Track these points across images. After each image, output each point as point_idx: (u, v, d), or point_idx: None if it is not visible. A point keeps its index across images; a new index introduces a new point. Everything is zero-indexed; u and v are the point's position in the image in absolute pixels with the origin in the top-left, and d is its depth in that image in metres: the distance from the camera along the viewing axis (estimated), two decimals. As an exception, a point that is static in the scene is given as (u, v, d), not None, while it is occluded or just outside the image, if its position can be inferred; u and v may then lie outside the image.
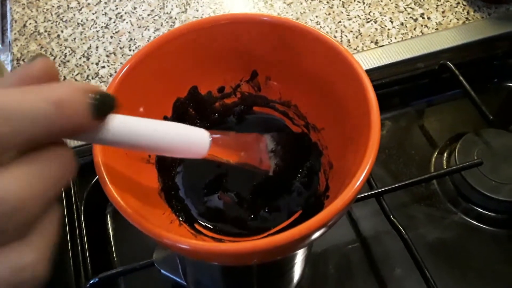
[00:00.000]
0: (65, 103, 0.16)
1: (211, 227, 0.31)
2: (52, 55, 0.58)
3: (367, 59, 0.57)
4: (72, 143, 0.50)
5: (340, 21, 0.61)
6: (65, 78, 0.56)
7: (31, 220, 0.16)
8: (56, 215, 0.18)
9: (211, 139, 0.24)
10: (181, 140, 0.23)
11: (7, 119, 0.15)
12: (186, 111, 0.34)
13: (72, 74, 0.56)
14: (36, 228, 0.16)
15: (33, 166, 0.16)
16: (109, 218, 0.48)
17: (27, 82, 0.17)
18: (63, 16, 0.62)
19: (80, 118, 0.17)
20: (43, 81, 0.18)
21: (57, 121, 0.16)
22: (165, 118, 0.33)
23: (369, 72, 0.55)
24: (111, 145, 0.21)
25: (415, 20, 0.61)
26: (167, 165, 0.32)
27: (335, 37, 0.60)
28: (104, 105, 0.18)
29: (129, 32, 0.60)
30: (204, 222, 0.31)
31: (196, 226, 0.31)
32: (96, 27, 0.61)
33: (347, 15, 0.62)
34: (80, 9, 0.63)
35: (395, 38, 0.59)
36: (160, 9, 0.63)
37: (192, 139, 0.23)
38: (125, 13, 0.63)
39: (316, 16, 0.62)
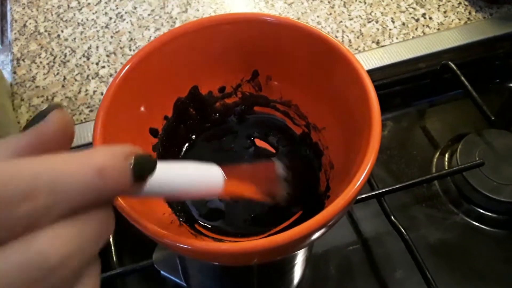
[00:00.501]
0: (108, 172, 0.16)
1: (211, 227, 0.31)
2: (52, 55, 0.58)
3: (369, 59, 0.56)
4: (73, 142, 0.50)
5: (341, 21, 0.61)
6: (65, 78, 0.56)
7: (73, 276, 0.16)
8: (97, 270, 0.18)
9: (224, 177, 0.23)
10: (199, 185, 0.22)
11: (51, 190, 0.15)
12: (186, 110, 0.33)
13: (72, 74, 0.56)
14: (78, 284, 0.17)
15: (75, 226, 0.16)
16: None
17: (45, 143, 0.17)
18: (63, 16, 0.62)
19: (123, 185, 0.17)
20: (62, 141, 0.18)
21: (100, 190, 0.16)
22: (166, 118, 0.32)
23: (370, 72, 0.55)
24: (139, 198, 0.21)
25: (417, 20, 0.61)
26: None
27: (336, 37, 0.59)
28: (144, 169, 0.18)
29: (129, 32, 0.60)
30: (204, 223, 0.31)
31: (196, 226, 0.31)
32: (96, 27, 0.61)
33: (349, 15, 0.62)
34: (81, 9, 0.63)
35: (397, 38, 0.59)
36: (161, 9, 0.63)
37: (208, 182, 0.23)
38: (126, 13, 0.63)
39: (317, 16, 0.62)
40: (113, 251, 0.45)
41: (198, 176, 0.22)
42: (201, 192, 0.23)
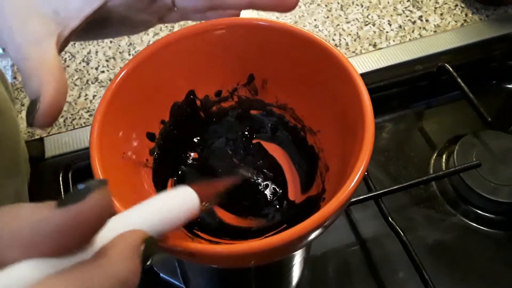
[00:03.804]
0: (131, 278, 0.16)
1: (208, 230, 0.31)
2: (52, 60, 0.58)
3: (366, 62, 0.57)
4: (72, 147, 0.50)
5: (338, 24, 0.61)
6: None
7: None
8: None
9: (198, 197, 0.23)
10: (179, 214, 0.22)
11: None
12: (183, 115, 0.34)
13: (72, 79, 0.56)
14: None
15: None
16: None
17: (78, 226, 0.15)
18: (63, 22, 0.63)
19: (138, 280, 0.17)
20: (97, 226, 0.16)
21: None
22: (163, 122, 0.33)
23: (367, 74, 0.55)
24: None
25: (413, 22, 0.61)
26: (164, 169, 0.33)
27: (333, 40, 0.60)
28: (150, 254, 0.18)
29: (128, 37, 0.61)
30: (200, 225, 0.31)
31: (193, 229, 0.31)
32: (95, 32, 0.61)
33: (346, 18, 0.62)
34: (80, 15, 0.64)
35: (394, 40, 0.59)
36: (159, 14, 0.63)
37: (186, 207, 0.22)
38: (125, 18, 0.63)
39: (315, 20, 0.62)
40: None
41: (177, 205, 0.22)
42: (185, 218, 0.22)
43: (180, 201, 0.22)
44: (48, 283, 0.14)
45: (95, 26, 0.30)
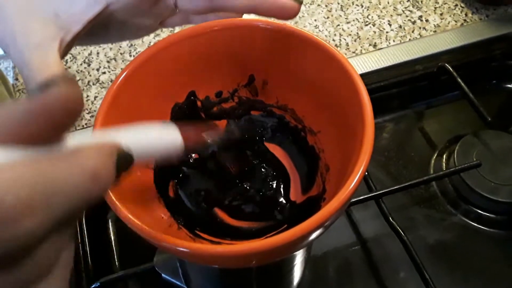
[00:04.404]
0: (101, 175, 0.16)
1: (210, 230, 0.31)
2: (53, 62, 0.58)
3: (366, 62, 0.57)
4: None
5: (338, 25, 0.62)
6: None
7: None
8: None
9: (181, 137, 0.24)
10: (163, 146, 0.23)
11: (47, 203, 0.14)
12: (184, 116, 0.34)
13: (73, 80, 0.57)
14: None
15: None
16: (110, 223, 0.48)
17: (49, 114, 0.15)
18: (64, 23, 0.63)
19: (109, 184, 0.16)
20: (68, 115, 0.16)
21: (91, 193, 0.15)
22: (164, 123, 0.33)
23: (367, 75, 0.56)
24: None
25: (413, 22, 0.61)
26: (165, 170, 0.33)
27: (333, 40, 0.60)
28: (125, 164, 0.18)
29: (129, 38, 0.61)
30: (202, 226, 0.32)
31: (195, 230, 0.31)
32: (96, 34, 0.61)
33: (346, 18, 0.62)
34: (81, 16, 0.64)
35: (394, 40, 0.59)
36: (160, 15, 0.64)
37: (170, 140, 0.23)
38: (125, 19, 0.63)
39: (315, 20, 0.62)
40: (114, 254, 0.46)
41: (159, 136, 0.22)
42: (165, 151, 0.23)
43: (163, 134, 0.23)
44: (11, 166, 0.14)
45: (96, 31, 0.30)
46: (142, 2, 0.30)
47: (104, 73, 0.57)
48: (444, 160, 0.51)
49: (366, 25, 0.61)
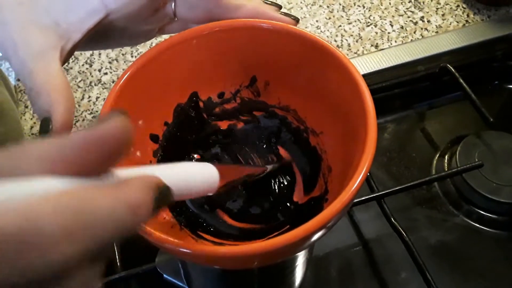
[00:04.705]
0: (141, 208, 0.16)
1: (212, 231, 0.31)
2: (55, 63, 0.58)
3: (368, 63, 0.57)
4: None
5: (340, 25, 0.62)
6: (68, 85, 0.56)
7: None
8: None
9: (218, 174, 0.24)
10: (200, 184, 0.23)
11: (89, 231, 0.14)
12: (186, 116, 0.34)
13: (75, 81, 0.57)
14: None
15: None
16: (112, 223, 0.48)
17: (102, 145, 0.16)
18: (66, 24, 0.63)
19: (146, 218, 0.17)
20: (114, 154, 0.16)
21: (128, 226, 0.16)
22: (166, 124, 0.33)
23: (369, 75, 0.56)
24: None
25: (415, 23, 0.61)
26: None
27: (335, 41, 0.60)
28: (164, 200, 0.18)
29: (131, 39, 0.61)
30: (204, 227, 0.32)
31: (197, 231, 0.31)
32: (98, 34, 0.62)
33: (347, 19, 0.62)
34: (83, 17, 0.64)
35: (395, 41, 0.59)
36: (162, 15, 0.64)
37: (207, 179, 0.24)
38: (127, 20, 0.63)
39: (317, 21, 0.62)
40: (116, 255, 0.46)
41: (198, 176, 0.23)
42: (202, 190, 0.23)
43: (202, 172, 0.23)
44: (58, 194, 0.14)
45: (96, 38, 0.30)
46: (142, 11, 0.30)
47: (106, 74, 0.57)
48: (446, 160, 0.51)
49: (368, 25, 0.61)
